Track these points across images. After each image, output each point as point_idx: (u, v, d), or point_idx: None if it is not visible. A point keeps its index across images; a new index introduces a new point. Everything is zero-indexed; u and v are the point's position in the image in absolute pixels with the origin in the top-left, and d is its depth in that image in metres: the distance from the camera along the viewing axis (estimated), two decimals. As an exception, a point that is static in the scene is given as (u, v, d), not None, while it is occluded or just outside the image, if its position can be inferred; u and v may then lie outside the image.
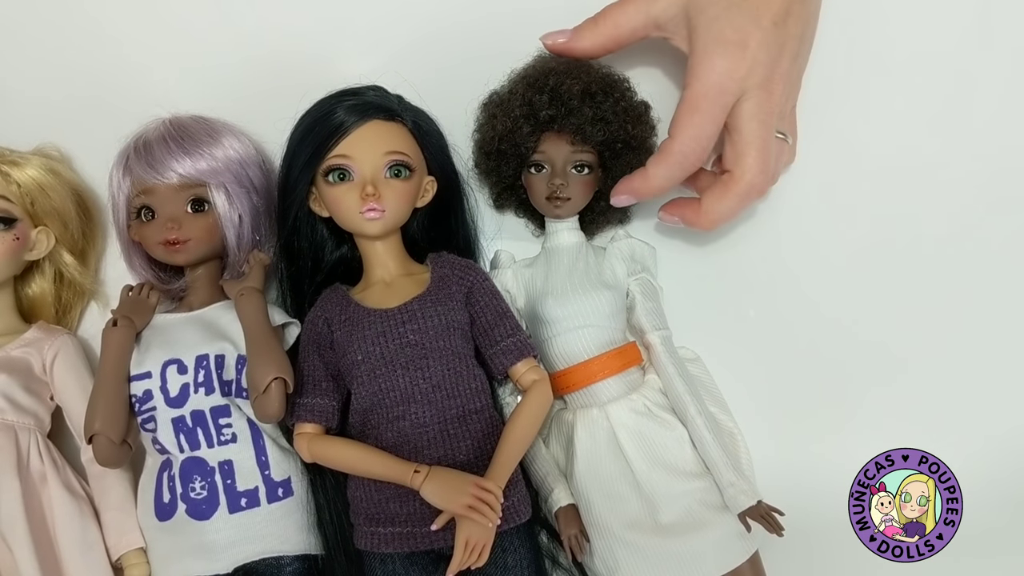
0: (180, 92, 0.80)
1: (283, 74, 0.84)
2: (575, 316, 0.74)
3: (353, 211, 0.71)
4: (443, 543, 0.68)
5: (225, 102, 0.80)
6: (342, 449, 0.69)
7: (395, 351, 0.69)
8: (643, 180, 0.73)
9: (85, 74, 0.84)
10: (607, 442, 0.72)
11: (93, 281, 0.80)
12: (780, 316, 0.81)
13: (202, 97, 0.80)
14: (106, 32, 0.85)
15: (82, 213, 0.79)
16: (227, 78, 0.84)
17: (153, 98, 0.79)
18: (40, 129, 0.82)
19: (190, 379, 0.71)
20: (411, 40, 0.84)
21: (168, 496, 0.70)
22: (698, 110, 0.69)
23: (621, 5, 0.74)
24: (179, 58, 0.84)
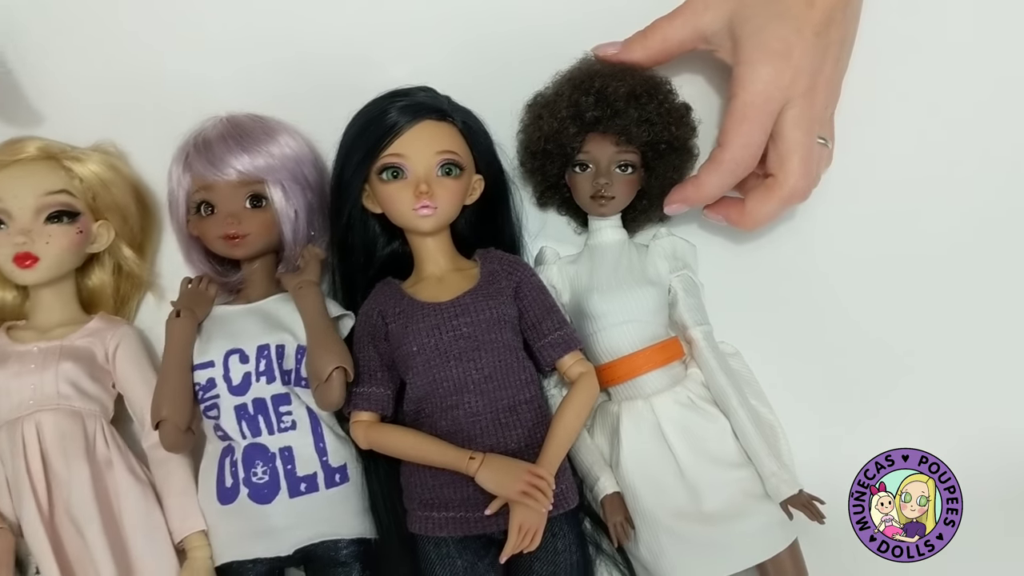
0: (231, 93, 0.83)
1: (331, 76, 0.86)
2: (620, 311, 0.76)
3: (407, 208, 0.74)
4: (495, 528, 0.71)
5: (274, 103, 0.82)
6: (398, 436, 0.72)
7: (449, 343, 0.72)
8: (696, 188, 0.76)
9: (138, 76, 0.86)
10: (652, 433, 0.75)
11: (150, 273, 0.83)
12: (814, 314, 0.83)
13: (252, 98, 0.82)
14: (157, 36, 0.87)
15: (140, 208, 0.81)
16: (276, 80, 0.86)
17: (203, 98, 0.82)
18: (94, 128, 0.84)
19: (252, 368, 0.73)
20: (457, 43, 0.87)
21: (230, 481, 0.73)
22: (747, 119, 0.73)
23: (669, 19, 0.78)
24: (230, 59, 0.86)
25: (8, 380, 0.73)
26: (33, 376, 0.73)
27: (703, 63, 0.84)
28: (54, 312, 0.77)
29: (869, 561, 0.78)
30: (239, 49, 0.87)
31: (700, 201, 0.77)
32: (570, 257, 0.81)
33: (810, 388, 0.82)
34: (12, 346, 0.75)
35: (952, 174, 0.83)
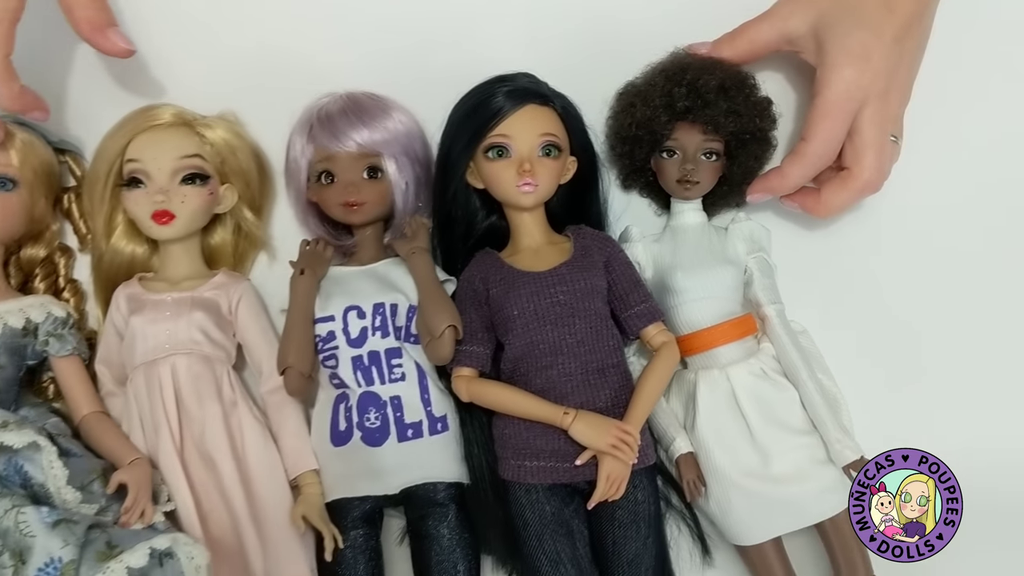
0: (342, 72, 0.89)
1: (434, 59, 0.93)
2: (701, 288, 0.83)
3: (510, 184, 0.81)
4: (581, 477, 0.78)
5: (380, 83, 0.89)
6: (497, 391, 0.79)
7: (546, 308, 0.79)
8: (780, 179, 0.83)
9: (255, 52, 0.93)
10: (727, 400, 0.81)
11: (266, 234, 0.90)
12: (875, 296, 0.90)
13: (363, 78, 0.88)
14: (279, 16, 0.94)
15: (260, 173, 0.88)
16: (382, 61, 0.93)
17: (316, 76, 0.89)
18: (212, 100, 0.90)
19: (368, 323, 0.81)
20: (551, 33, 0.94)
21: (344, 425, 0.80)
22: (829, 116, 0.80)
23: (756, 23, 0.84)
24: (344, 40, 0.93)
25: (145, 326, 0.80)
26: (168, 323, 0.80)
27: (782, 62, 0.90)
28: (182, 266, 0.84)
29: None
30: (354, 31, 0.93)
31: (783, 191, 0.84)
32: (653, 236, 0.88)
33: (869, 363, 0.88)
34: (147, 295, 0.82)
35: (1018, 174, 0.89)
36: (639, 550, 0.79)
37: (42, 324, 0.81)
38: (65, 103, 0.91)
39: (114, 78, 0.92)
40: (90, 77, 0.91)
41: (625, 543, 0.79)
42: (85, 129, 0.89)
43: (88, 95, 0.91)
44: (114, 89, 0.91)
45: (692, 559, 0.85)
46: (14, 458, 0.68)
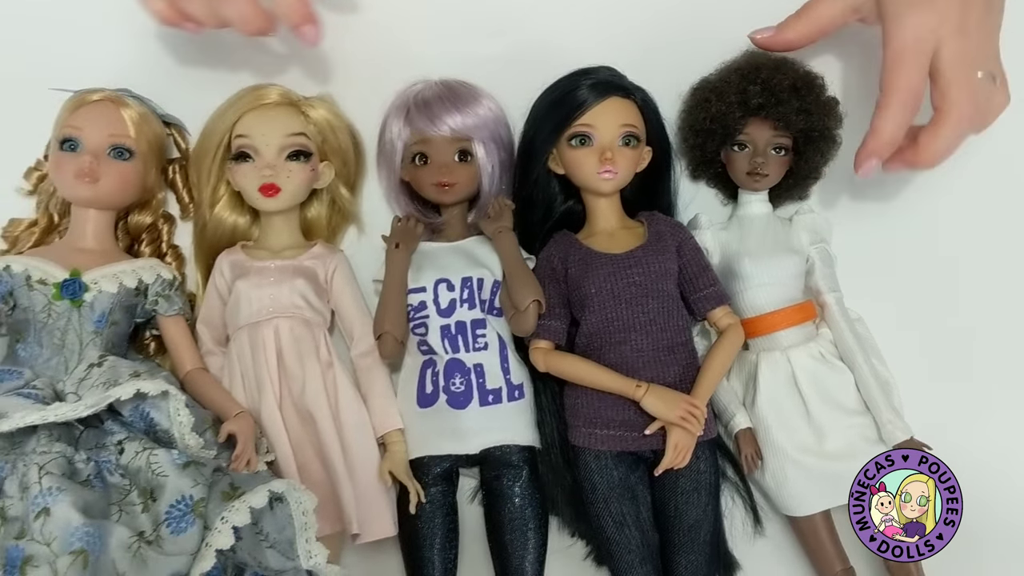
0: (429, 62, 0.95)
1: (516, 51, 0.99)
2: (766, 274, 0.88)
3: (591, 171, 0.86)
4: (647, 446, 0.84)
5: (463, 71, 0.94)
6: (573, 363, 0.85)
7: (622, 288, 0.85)
8: (874, 138, 0.83)
9: (348, 39, 0.98)
10: (786, 380, 0.87)
11: (358, 209, 0.96)
12: (925, 287, 0.95)
13: (441, 66, 0.95)
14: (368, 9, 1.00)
15: (355, 152, 0.94)
16: (464, 50, 0.97)
17: (403, 63, 0.95)
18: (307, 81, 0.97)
19: (456, 295, 0.87)
20: (626, 27, 0.99)
21: (431, 388, 0.87)
22: (903, 62, 0.81)
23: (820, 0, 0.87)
24: (427, 31, 0.98)
25: (250, 290, 0.86)
26: (271, 288, 0.86)
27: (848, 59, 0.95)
28: (282, 236, 0.90)
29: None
30: (440, 21, 0.99)
31: (882, 149, 0.83)
32: (721, 224, 0.93)
33: (919, 350, 0.93)
34: (250, 262, 0.89)
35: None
36: (699, 517, 0.85)
37: (152, 285, 0.87)
38: (172, 80, 0.97)
39: (215, 59, 0.97)
40: (195, 56, 0.97)
41: (687, 510, 0.84)
42: (190, 106, 0.95)
43: (193, 73, 0.97)
44: (216, 69, 0.97)
45: (744, 528, 0.91)
46: (141, 405, 0.75)
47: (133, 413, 0.75)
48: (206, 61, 0.98)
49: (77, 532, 0.63)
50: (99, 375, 0.75)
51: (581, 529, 0.90)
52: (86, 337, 0.82)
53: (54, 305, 0.82)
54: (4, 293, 0.83)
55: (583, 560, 0.91)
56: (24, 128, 0.95)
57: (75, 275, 0.83)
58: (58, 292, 0.83)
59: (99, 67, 0.95)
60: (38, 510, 0.65)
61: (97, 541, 0.63)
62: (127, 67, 0.96)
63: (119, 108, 0.87)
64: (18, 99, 0.96)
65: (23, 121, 0.95)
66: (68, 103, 0.88)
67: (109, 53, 0.98)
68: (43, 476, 0.67)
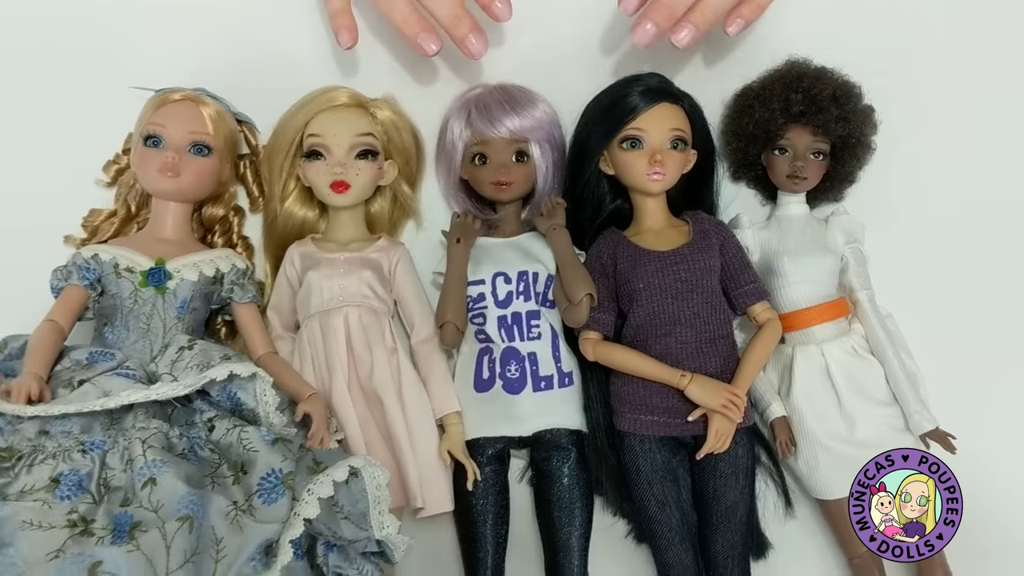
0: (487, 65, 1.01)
1: (566, 54, 1.04)
2: (803, 272, 0.94)
3: (641, 173, 0.92)
4: (688, 432, 0.90)
5: (515, 75, 1.01)
6: (622, 353, 0.91)
7: (669, 284, 0.90)
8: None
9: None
10: (820, 372, 0.93)
11: (418, 205, 1.01)
12: (949, 287, 1.00)
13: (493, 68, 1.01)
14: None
15: (417, 151, 1.00)
16: (518, 55, 1.03)
17: (463, 70, 1.02)
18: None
19: (513, 288, 0.93)
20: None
21: (487, 374, 0.93)
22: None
23: None
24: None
25: (321, 280, 0.92)
26: (341, 278, 0.92)
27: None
28: (349, 230, 0.96)
29: (978, 487, 0.91)
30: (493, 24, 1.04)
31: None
32: (760, 224, 0.99)
33: (944, 346, 0.98)
34: (320, 253, 0.95)
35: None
36: (736, 499, 0.91)
37: (227, 274, 0.93)
38: (247, 81, 1.02)
39: (289, 62, 1.04)
40: (266, 59, 1.03)
41: (725, 492, 0.90)
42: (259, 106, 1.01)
43: (266, 74, 1.03)
44: (289, 72, 1.02)
45: (776, 510, 0.97)
46: (229, 386, 0.81)
47: (221, 393, 0.81)
48: (269, 60, 1.04)
49: (183, 500, 0.70)
50: (191, 358, 0.82)
51: (623, 508, 0.97)
52: (169, 322, 0.89)
53: (140, 292, 0.89)
54: (93, 280, 0.90)
55: (624, 538, 0.98)
56: (101, 123, 1.02)
57: (160, 264, 0.90)
58: (144, 280, 0.89)
59: (169, 65, 1.01)
60: (144, 480, 0.71)
61: (200, 508, 0.70)
62: (196, 65, 1.02)
63: (199, 107, 0.93)
64: (96, 96, 1.03)
65: (101, 116, 1.01)
66: (151, 101, 0.94)
67: (178, 50, 1.03)
68: (147, 450, 0.73)
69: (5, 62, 1.04)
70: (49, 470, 0.74)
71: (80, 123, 1.02)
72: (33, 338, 0.85)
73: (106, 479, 0.75)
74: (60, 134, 1.02)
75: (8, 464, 0.74)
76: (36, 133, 1.03)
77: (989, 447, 0.93)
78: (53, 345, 0.85)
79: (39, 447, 0.75)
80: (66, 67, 1.04)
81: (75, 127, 1.02)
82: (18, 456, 0.75)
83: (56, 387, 0.80)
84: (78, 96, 1.03)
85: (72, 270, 0.90)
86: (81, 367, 0.82)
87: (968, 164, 1.02)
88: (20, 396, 0.76)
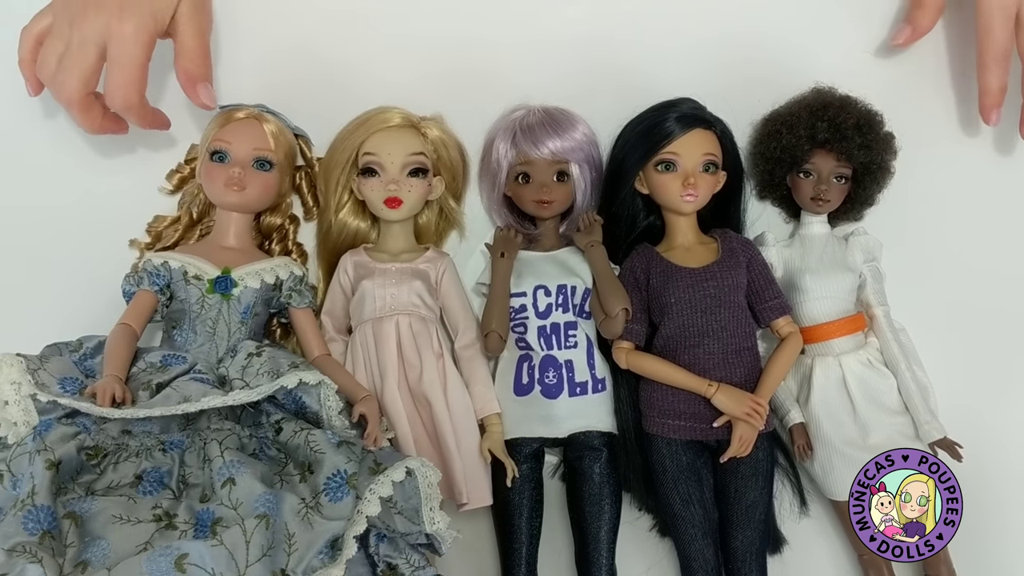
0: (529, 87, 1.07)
1: (605, 79, 1.10)
2: (823, 289, 1.00)
3: (675, 194, 0.98)
4: (712, 436, 0.96)
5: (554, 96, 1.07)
6: (653, 363, 0.97)
7: (699, 299, 0.97)
8: (987, 95, 1.02)
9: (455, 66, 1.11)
10: (837, 382, 0.99)
11: (463, 218, 1.08)
12: (964, 303, 1.07)
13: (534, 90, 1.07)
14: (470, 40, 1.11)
15: (463, 167, 1.06)
16: (558, 78, 1.09)
17: (501, 88, 1.07)
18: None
19: (552, 300, 0.99)
20: (706, 65, 1.11)
21: (527, 379, 0.99)
22: (992, 25, 1.00)
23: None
24: (524, 61, 1.10)
25: (374, 289, 0.99)
26: (392, 288, 0.99)
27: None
28: (399, 241, 1.03)
29: (987, 491, 0.99)
30: (535, 52, 1.11)
31: (995, 99, 1.02)
32: (785, 242, 1.05)
33: (954, 359, 1.04)
34: (373, 263, 1.01)
35: None
36: (756, 498, 0.97)
37: (286, 281, 1.00)
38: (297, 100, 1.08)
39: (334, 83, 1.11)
40: (321, 80, 1.10)
41: (745, 492, 0.97)
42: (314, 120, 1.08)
43: (313, 95, 1.10)
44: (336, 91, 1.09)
45: (792, 509, 1.04)
46: (295, 390, 0.88)
47: (286, 397, 0.88)
48: (322, 78, 1.11)
49: (260, 499, 0.77)
50: (260, 364, 0.88)
51: (649, 505, 1.03)
52: (233, 326, 0.96)
53: (207, 298, 0.96)
54: (162, 285, 0.96)
55: (648, 531, 1.04)
56: (164, 135, 1.09)
57: (226, 273, 0.96)
58: (211, 287, 0.96)
59: (228, 81, 1.08)
60: (224, 479, 0.79)
61: (275, 506, 0.77)
62: (257, 81, 1.09)
63: (261, 124, 1.00)
64: (158, 107, 1.09)
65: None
66: (216, 119, 1.01)
67: (237, 68, 1.11)
68: (224, 451, 0.80)
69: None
70: (133, 467, 0.81)
71: (145, 133, 1.09)
72: (110, 341, 0.92)
73: (184, 476, 0.82)
74: (127, 143, 1.09)
75: (95, 461, 0.82)
76: (105, 141, 1.09)
77: (997, 457, 1.00)
78: (129, 348, 0.92)
79: (123, 445, 0.83)
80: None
81: (141, 136, 1.08)
82: (104, 454, 0.82)
83: (135, 389, 0.86)
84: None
85: (143, 276, 0.97)
86: (156, 369, 0.89)
87: (982, 186, 1.09)
88: (105, 399, 0.83)
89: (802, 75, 1.05)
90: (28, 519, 0.75)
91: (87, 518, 0.77)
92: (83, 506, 0.78)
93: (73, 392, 0.85)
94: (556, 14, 1.12)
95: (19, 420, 0.83)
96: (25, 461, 0.80)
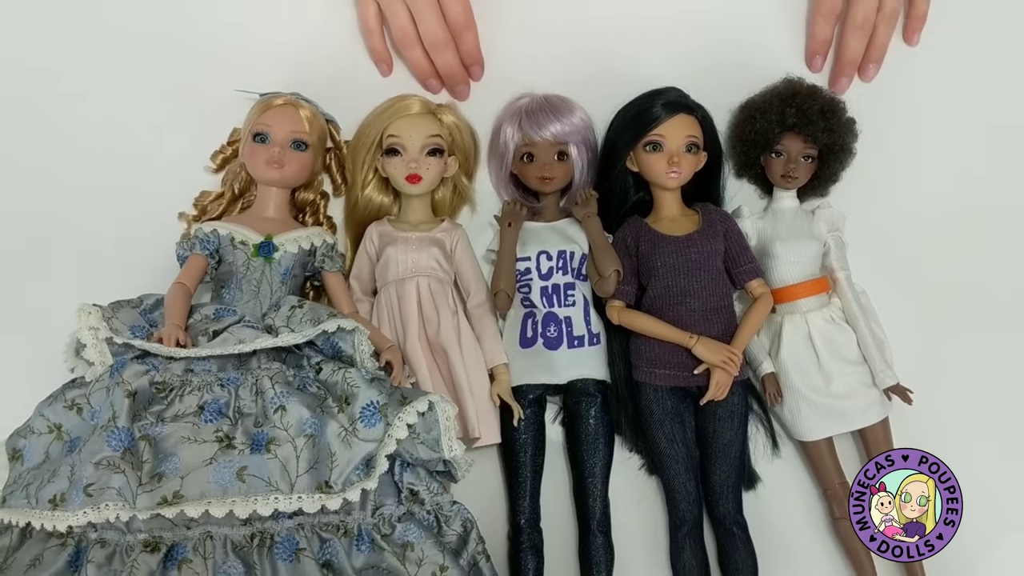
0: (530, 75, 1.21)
1: (596, 68, 1.24)
2: (792, 255, 1.13)
3: (661, 171, 1.12)
4: (693, 383, 1.09)
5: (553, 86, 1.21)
6: (641, 319, 1.10)
7: (682, 263, 1.10)
8: (813, 39, 1.23)
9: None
10: (803, 337, 1.12)
11: (473, 193, 1.22)
12: (917, 267, 1.21)
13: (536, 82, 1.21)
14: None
15: (474, 149, 1.20)
16: (557, 68, 1.23)
17: (507, 77, 1.22)
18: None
19: (553, 264, 1.13)
20: (684, 51, 1.24)
21: (531, 333, 1.13)
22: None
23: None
24: (525, 52, 1.25)
25: (397, 254, 1.12)
26: (413, 253, 1.12)
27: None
28: (418, 213, 1.16)
29: (937, 432, 1.12)
30: (537, 43, 1.25)
31: (821, 47, 1.22)
32: (759, 214, 1.18)
33: (906, 316, 1.18)
34: (396, 232, 1.15)
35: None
36: (731, 438, 1.10)
37: (319, 247, 1.13)
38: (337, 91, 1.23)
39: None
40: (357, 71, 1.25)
41: (722, 431, 1.10)
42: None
43: (350, 82, 1.24)
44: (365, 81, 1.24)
45: (764, 450, 1.17)
46: (332, 336, 1.01)
47: (325, 343, 1.02)
48: (349, 70, 1.25)
49: (308, 422, 0.91)
50: (303, 314, 1.02)
51: (638, 446, 1.16)
52: (275, 286, 1.09)
53: (252, 261, 1.09)
54: (212, 250, 1.10)
55: (638, 469, 1.17)
56: (208, 118, 1.22)
57: (268, 239, 1.10)
58: (256, 251, 1.09)
59: (265, 72, 1.22)
60: (276, 406, 0.93)
61: (320, 429, 0.91)
62: (289, 74, 1.23)
63: (298, 110, 1.13)
64: (204, 96, 1.24)
65: (208, 112, 1.22)
66: (257, 105, 1.14)
67: (273, 62, 1.24)
68: (274, 384, 0.94)
69: (148, 64, 1.26)
70: (196, 399, 0.95)
71: (192, 117, 1.23)
72: (169, 297, 1.06)
73: (239, 407, 0.96)
74: (177, 125, 1.24)
75: (164, 394, 0.96)
76: (161, 124, 1.24)
77: (943, 400, 1.14)
78: (186, 302, 1.06)
79: (186, 381, 0.97)
80: (186, 70, 1.26)
81: (189, 120, 1.23)
82: (170, 388, 0.96)
83: (194, 336, 1.01)
84: (192, 93, 1.24)
85: (195, 242, 1.10)
86: (211, 320, 1.04)
87: (935, 166, 1.23)
88: (171, 342, 0.97)
89: (775, 68, 1.19)
90: (112, 438, 0.89)
91: (159, 439, 0.91)
92: (155, 430, 0.92)
93: (142, 337, 0.99)
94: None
95: (96, 360, 0.97)
96: (103, 394, 0.94)
